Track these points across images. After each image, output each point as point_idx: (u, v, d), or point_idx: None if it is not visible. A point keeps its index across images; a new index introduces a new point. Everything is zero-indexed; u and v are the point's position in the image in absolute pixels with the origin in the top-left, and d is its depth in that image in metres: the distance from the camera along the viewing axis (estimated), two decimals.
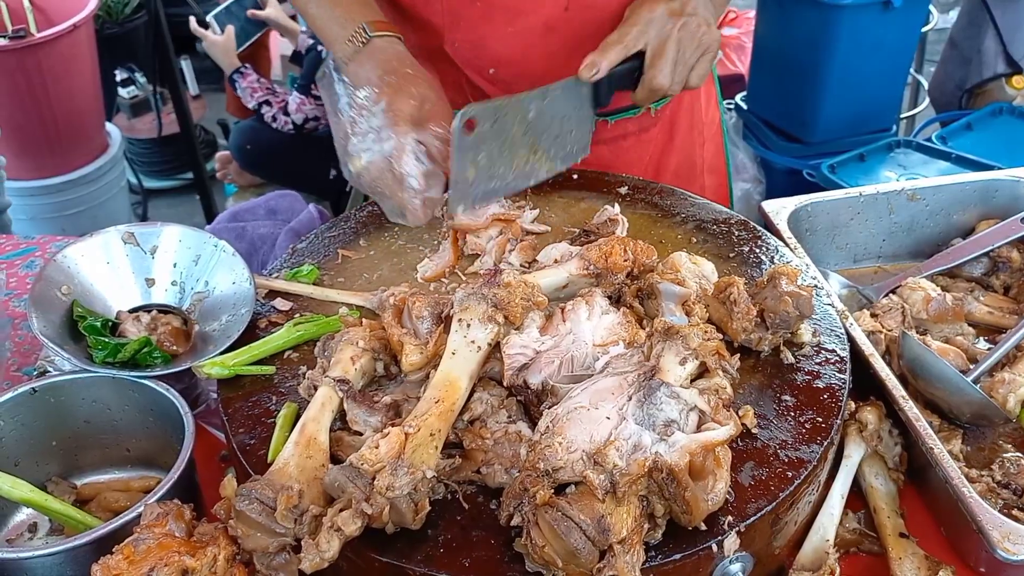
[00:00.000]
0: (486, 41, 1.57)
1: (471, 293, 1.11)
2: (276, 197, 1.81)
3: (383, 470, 0.95)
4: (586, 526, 0.91)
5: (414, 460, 0.96)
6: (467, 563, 0.98)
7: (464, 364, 1.07)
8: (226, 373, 1.20)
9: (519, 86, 1.59)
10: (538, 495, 0.93)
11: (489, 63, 1.60)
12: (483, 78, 1.62)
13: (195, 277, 1.39)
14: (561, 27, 1.55)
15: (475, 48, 1.59)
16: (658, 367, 1.05)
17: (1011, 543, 1.03)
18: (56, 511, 1.14)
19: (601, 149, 1.68)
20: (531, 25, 1.55)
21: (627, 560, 0.90)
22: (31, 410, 1.22)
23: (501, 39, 1.57)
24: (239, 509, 0.93)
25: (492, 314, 1.09)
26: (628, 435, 0.97)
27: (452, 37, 1.58)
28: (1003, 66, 3.60)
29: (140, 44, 4.30)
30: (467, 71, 1.62)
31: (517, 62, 1.59)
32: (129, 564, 0.90)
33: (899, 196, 1.59)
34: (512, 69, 1.60)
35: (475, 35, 1.57)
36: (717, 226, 1.47)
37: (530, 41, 1.56)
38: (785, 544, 1.11)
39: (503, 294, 1.10)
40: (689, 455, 0.95)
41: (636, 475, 0.93)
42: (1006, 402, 1.29)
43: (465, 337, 1.09)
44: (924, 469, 1.19)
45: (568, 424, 0.99)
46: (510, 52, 1.58)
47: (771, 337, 1.20)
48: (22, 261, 1.78)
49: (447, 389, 1.04)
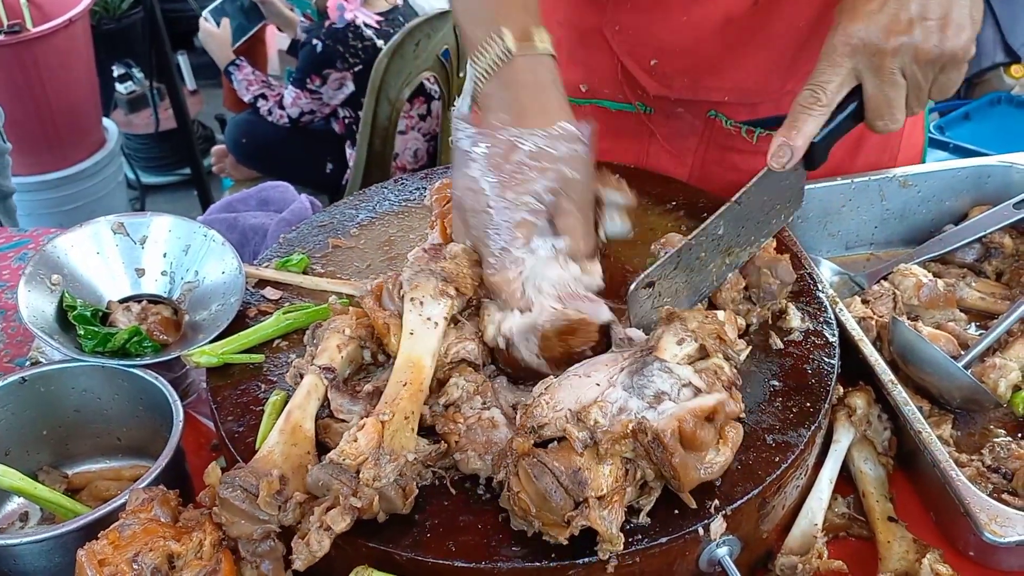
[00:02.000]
0: (653, 28, 1.41)
1: (419, 270, 1.10)
2: (268, 188, 1.81)
3: (367, 462, 0.95)
4: (559, 472, 0.92)
5: (394, 446, 0.96)
6: (454, 547, 0.98)
7: (424, 342, 1.06)
8: (215, 361, 1.20)
9: (680, 81, 1.46)
10: (519, 447, 0.95)
11: (652, 53, 1.44)
12: (642, 69, 1.46)
13: (185, 267, 1.39)
14: (742, 23, 1.37)
15: (639, 34, 1.42)
16: (656, 347, 1.06)
17: (998, 525, 1.03)
18: (46, 499, 1.14)
19: (758, 159, 1.33)
20: (709, 16, 1.38)
21: (602, 515, 0.91)
22: (21, 399, 1.22)
23: (671, 28, 1.40)
24: (223, 496, 0.94)
25: (443, 288, 1.08)
26: (615, 399, 0.98)
27: (615, 18, 1.42)
28: (1001, 55, 3.60)
29: (137, 40, 4.31)
30: (624, 59, 1.46)
31: (684, 55, 1.43)
32: (115, 549, 0.90)
33: (891, 183, 1.59)
34: (676, 62, 1.44)
35: (643, 20, 1.40)
36: (708, 212, 1.46)
37: (703, 34, 1.39)
38: (773, 528, 1.11)
39: (451, 266, 1.08)
40: (677, 421, 0.95)
41: (618, 434, 0.94)
42: (997, 387, 1.28)
43: (420, 315, 1.08)
44: (913, 454, 1.19)
45: (559, 389, 1.01)
46: (679, 43, 1.41)
47: (759, 310, 1.21)
48: (15, 254, 1.78)
49: (412, 371, 1.04)
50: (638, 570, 0.98)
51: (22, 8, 3.46)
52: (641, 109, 1.56)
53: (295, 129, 3.54)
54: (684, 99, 1.51)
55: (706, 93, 1.50)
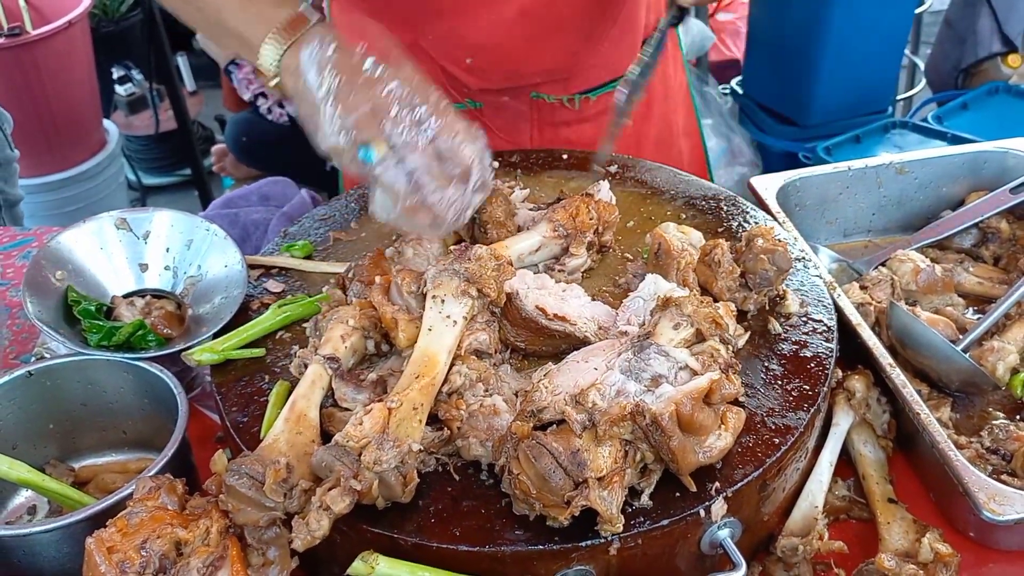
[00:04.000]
0: (461, 31, 1.56)
1: (443, 269, 1.12)
2: (269, 183, 1.82)
3: (369, 445, 0.96)
4: (558, 454, 0.94)
5: (399, 434, 0.97)
6: (458, 532, 0.99)
7: (441, 339, 1.08)
8: (216, 359, 1.21)
9: (496, 73, 1.63)
10: (519, 430, 0.96)
11: (466, 53, 1.59)
12: (460, 68, 1.61)
13: (188, 261, 1.40)
14: (535, 12, 1.54)
15: (451, 39, 1.58)
16: (653, 332, 1.08)
17: (997, 504, 1.04)
18: (53, 491, 1.15)
19: (585, 127, 1.70)
20: (505, 12, 1.53)
21: (602, 495, 0.92)
22: (27, 393, 1.23)
23: (477, 28, 1.55)
24: (229, 484, 0.95)
25: (466, 288, 1.10)
26: (613, 382, 1.00)
27: (427, 30, 1.57)
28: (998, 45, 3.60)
29: (136, 41, 4.31)
30: (443, 63, 1.61)
31: (494, 49, 1.58)
32: (123, 536, 0.91)
33: (888, 170, 1.59)
34: (489, 56, 1.59)
35: (448, 26, 1.56)
36: (706, 202, 1.48)
37: (507, 28, 1.55)
38: (774, 511, 1.12)
39: (474, 267, 1.10)
40: (675, 405, 0.96)
41: (616, 416, 0.95)
42: (995, 370, 1.29)
43: (440, 312, 1.10)
44: (912, 436, 1.20)
45: (557, 374, 1.03)
46: (487, 40, 1.57)
47: (756, 296, 1.22)
48: (18, 252, 1.79)
49: (426, 364, 1.05)
50: (640, 552, 0.99)
51: (21, 11, 3.47)
52: (471, 106, 1.68)
53: (295, 126, 3.54)
54: (505, 88, 1.66)
55: (521, 79, 1.65)
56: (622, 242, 1.40)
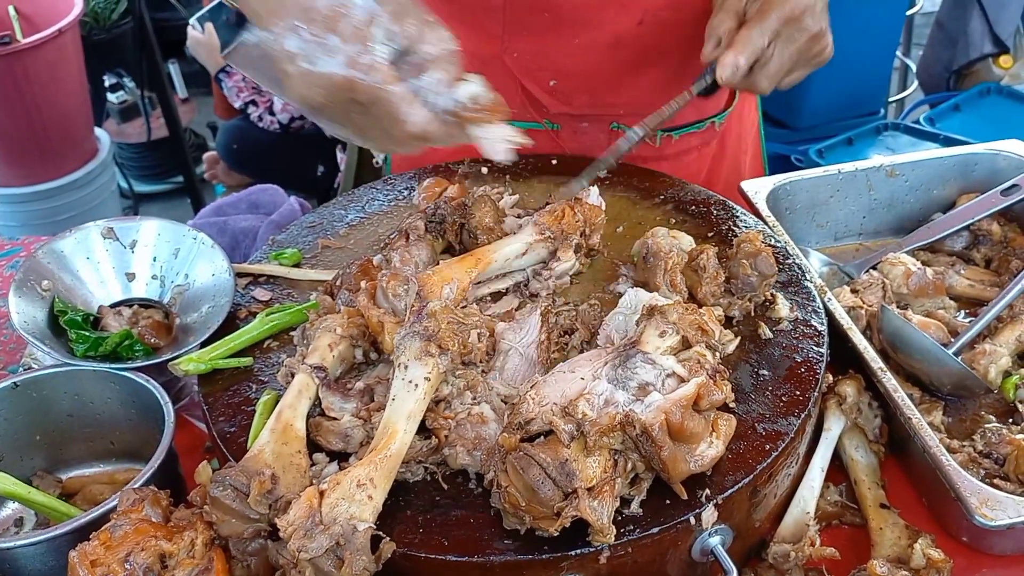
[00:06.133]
0: (548, 52, 1.51)
1: (405, 335, 1.07)
2: (258, 191, 1.81)
3: (295, 532, 0.91)
4: (546, 464, 0.93)
5: (337, 515, 0.92)
6: (446, 542, 0.98)
7: (403, 406, 1.03)
8: (203, 369, 1.20)
9: (579, 99, 1.58)
10: (506, 442, 0.95)
11: (550, 75, 1.54)
12: (542, 89, 1.56)
13: (175, 270, 1.39)
14: (631, 42, 1.49)
15: (536, 59, 1.52)
16: (638, 340, 1.07)
17: (989, 509, 1.04)
18: (40, 503, 1.15)
19: (662, 164, 1.63)
20: (599, 39, 1.48)
21: (592, 505, 0.91)
22: (13, 405, 1.22)
23: (566, 51, 1.49)
24: (213, 495, 0.94)
25: (425, 347, 1.05)
26: (600, 391, 0.98)
27: (512, 46, 1.51)
28: (990, 46, 3.61)
29: (127, 49, 4.30)
30: (525, 81, 1.56)
31: (581, 74, 1.53)
32: (106, 549, 0.90)
33: (878, 173, 1.59)
34: (574, 82, 1.54)
35: (537, 45, 1.50)
36: (696, 207, 1.47)
37: (596, 55, 1.50)
38: (765, 517, 1.11)
39: (431, 324, 1.06)
40: (664, 414, 0.95)
41: (606, 426, 0.94)
42: (987, 373, 1.29)
43: (403, 379, 1.04)
44: (904, 441, 1.20)
45: (544, 385, 1.01)
46: (574, 65, 1.51)
47: (740, 302, 1.21)
48: (7, 262, 1.78)
49: (382, 436, 1.00)
50: (630, 560, 0.98)
51: (11, 19, 3.46)
52: (548, 127, 1.64)
53: (286, 134, 3.55)
54: (586, 114, 1.61)
55: (605, 108, 1.61)
56: (612, 247, 1.39)
